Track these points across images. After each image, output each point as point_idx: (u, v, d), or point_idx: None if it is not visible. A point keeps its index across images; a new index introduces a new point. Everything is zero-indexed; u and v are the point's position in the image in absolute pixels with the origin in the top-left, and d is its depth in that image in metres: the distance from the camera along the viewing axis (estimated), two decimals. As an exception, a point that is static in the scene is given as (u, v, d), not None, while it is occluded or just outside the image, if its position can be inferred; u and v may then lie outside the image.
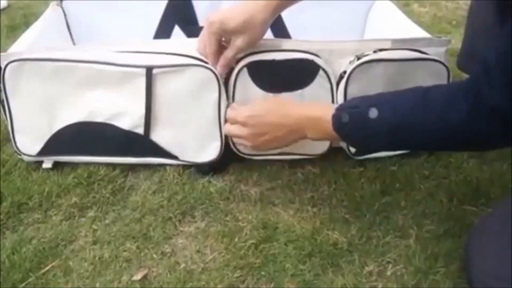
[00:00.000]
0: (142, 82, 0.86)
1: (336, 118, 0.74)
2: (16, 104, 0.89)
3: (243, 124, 0.83)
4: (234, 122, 0.85)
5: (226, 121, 0.88)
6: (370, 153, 0.94)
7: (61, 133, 0.91)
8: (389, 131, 0.70)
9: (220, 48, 0.84)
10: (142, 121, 0.89)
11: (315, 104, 0.82)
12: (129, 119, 0.89)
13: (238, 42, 0.81)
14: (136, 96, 0.87)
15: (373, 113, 0.70)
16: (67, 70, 0.86)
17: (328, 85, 0.88)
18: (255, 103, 0.84)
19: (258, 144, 0.83)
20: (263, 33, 0.83)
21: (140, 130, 0.90)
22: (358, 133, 0.73)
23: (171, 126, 0.91)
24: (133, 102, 0.88)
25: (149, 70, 0.85)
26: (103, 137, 0.91)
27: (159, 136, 0.91)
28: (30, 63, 0.86)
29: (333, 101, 0.89)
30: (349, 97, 0.87)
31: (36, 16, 1.51)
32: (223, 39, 0.84)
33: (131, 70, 0.86)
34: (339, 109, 0.74)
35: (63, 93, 0.88)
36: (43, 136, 0.91)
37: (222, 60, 0.84)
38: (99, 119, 0.89)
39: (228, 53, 0.83)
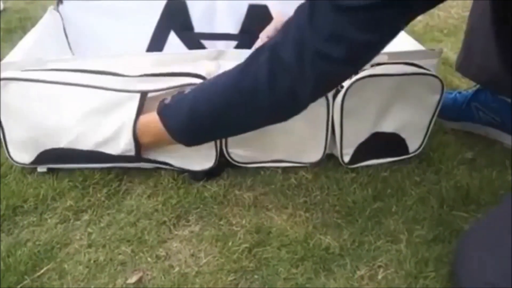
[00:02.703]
0: (134, 106, 0.84)
1: (160, 103, 0.83)
2: (6, 119, 0.88)
3: None
4: None
5: None
6: (199, 143, 0.87)
7: (52, 151, 0.90)
8: (193, 101, 0.78)
9: None
10: (133, 145, 0.86)
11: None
12: (119, 144, 0.87)
13: None
14: (127, 120, 0.85)
15: (188, 92, 0.80)
16: (56, 93, 0.85)
17: (324, 99, 0.87)
18: None
19: None
20: None
21: (131, 153, 0.87)
22: (176, 113, 0.80)
23: None
24: (123, 126, 0.85)
25: (143, 94, 0.84)
26: (94, 160, 0.90)
27: (152, 154, 0.91)
28: (17, 83, 0.84)
29: (328, 116, 0.89)
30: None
31: (32, 20, 1.51)
32: None
33: (125, 95, 0.84)
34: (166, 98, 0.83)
35: (52, 115, 0.86)
36: (35, 149, 0.90)
37: None
38: (87, 146, 0.87)
39: None
